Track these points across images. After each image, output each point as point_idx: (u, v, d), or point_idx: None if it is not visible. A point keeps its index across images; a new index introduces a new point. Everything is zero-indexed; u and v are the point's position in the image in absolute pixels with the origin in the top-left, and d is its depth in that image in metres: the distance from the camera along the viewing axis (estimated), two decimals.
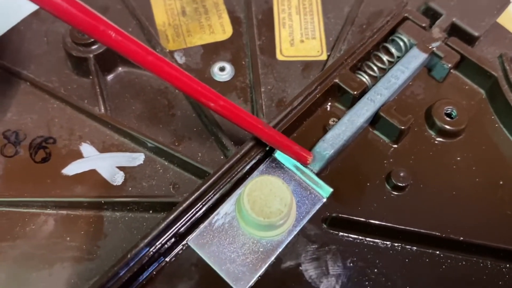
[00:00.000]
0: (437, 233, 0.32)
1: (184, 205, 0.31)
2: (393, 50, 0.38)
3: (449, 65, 0.37)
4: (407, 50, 0.38)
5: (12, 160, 0.36)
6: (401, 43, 0.38)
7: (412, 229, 0.32)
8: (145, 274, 0.31)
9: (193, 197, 0.32)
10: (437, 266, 0.32)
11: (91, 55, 0.37)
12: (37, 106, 0.37)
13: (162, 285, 0.31)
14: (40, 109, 0.37)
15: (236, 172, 0.33)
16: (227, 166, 0.33)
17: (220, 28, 0.41)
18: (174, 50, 0.40)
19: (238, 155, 0.33)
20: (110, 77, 0.39)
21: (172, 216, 0.31)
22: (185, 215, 0.32)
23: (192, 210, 0.32)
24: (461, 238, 0.32)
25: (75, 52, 0.37)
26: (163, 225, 0.31)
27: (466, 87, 0.39)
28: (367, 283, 0.32)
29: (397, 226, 0.32)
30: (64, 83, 0.38)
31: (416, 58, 0.37)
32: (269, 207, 0.31)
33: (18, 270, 0.32)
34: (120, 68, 0.39)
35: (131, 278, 0.30)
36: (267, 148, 0.34)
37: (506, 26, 0.41)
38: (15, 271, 0.32)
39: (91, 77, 0.38)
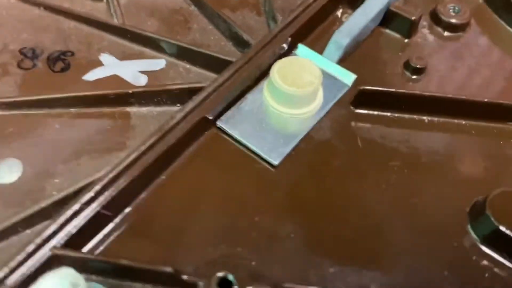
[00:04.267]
0: (463, 97, 0.33)
1: (213, 86, 0.32)
2: None
3: None
4: None
5: (30, 72, 0.35)
6: None
7: (438, 94, 0.33)
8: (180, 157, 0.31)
9: (221, 79, 0.32)
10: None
11: None
12: (53, 27, 0.37)
13: (196, 169, 0.31)
14: (56, 29, 0.37)
15: (259, 60, 0.33)
16: (251, 52, 0.33)
17: None
18: None
19: (261, 44, 0.34)
20: (123, 0, 0.39)
21: (201, 97, 0.31)
22: (213, 97, 0.32)
23: (220, 93, 0.32)
24: (486, 99, 0.33)
25: None
26: (191, 105, 0.31)
27: None
28: (393, 153, 0.32)
29: (423, 93, 0.33)
30: (77, 7, 0.39)
31: None
32: (300, 79, 0.32)
33: (45, 164, 0.31)
34: None
35: (165, 155, 0.30)
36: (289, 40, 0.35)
37: None
38: (42, 165, 0.31)
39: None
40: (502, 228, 0.27)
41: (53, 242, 0.26)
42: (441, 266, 0.28)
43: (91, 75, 0.35)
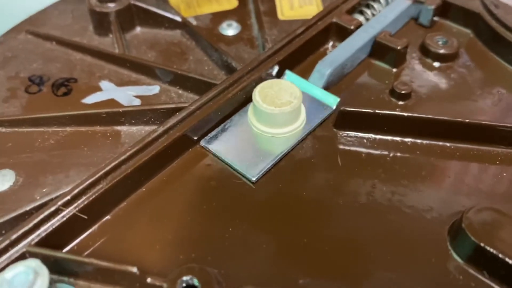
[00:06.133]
0: (445, 117, 0.33)
1: (195, 105, 0.33)
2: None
3: (432, 7, 0.41)
4: None
5: (35, 96, 0.38)
6: None
7: (419, 115, 0.33)
8: (162, 172, 0.32)
9: (203, 99, 0.34)
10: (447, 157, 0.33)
11: (113, 11, 0.41)
12: (61, 58, 0.41)
13: (176, 183, 0.32)
14: (63, 60, 0.40)
15: (244, 83, 0.35)
16: (235, 75, 0.35)
17: (227, 1, 0.46)
18: (187, 16, 0.44)
19: (247, 68, 0.35)
20: (128, 35, 0.42)
21: (183, 114, 0.33)
22: (194, 116, 0.33)
23: (202, 112, 0.33)
24: (467, 120, 0.33)
25: (98, 8, 0.41)
26: (172, 122, 0.32)
27: (454, 31, 0.42)
28: (373, 173, 0.32)
29: (402, 113, 0.33)
30: (85, 41, 0.42)
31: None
32: (279, 99, 0.33)
33: (36, 175, 0.32)
34: (138, 28, 0.43)
35: (144, 166, 0.31)
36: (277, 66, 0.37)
37: None
38: (33, 176, 0.32)
39: (111, 35, 0.42)
40: (479, 242, 0.27)
41: (28, 239, 0.27)
42: (418, 283, 0.27)
43: (90, 99, 0.37)
